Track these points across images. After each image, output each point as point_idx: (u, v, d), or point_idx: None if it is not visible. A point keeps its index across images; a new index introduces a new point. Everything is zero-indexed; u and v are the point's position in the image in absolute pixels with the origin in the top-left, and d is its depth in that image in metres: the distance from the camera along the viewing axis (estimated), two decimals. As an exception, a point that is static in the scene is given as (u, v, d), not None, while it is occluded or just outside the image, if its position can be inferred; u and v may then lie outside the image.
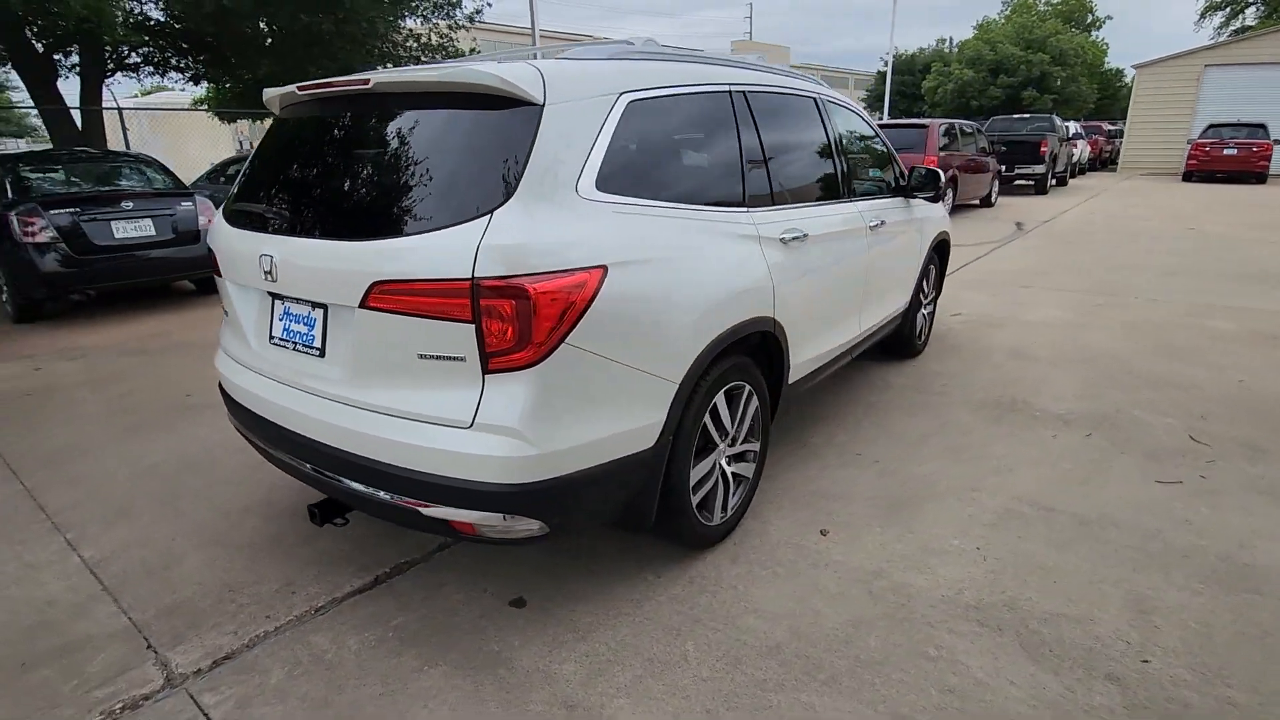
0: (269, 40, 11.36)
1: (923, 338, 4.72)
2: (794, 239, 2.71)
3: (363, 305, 1.86)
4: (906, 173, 3.93)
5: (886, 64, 30.43)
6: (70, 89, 11.41)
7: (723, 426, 2.47)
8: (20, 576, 2.49)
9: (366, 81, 1.99)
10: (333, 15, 10.04)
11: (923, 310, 4.63)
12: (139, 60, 11.88)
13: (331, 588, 2.38)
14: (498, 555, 2.54)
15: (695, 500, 2.39)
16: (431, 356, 1.83)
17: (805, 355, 2.94)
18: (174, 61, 12.38)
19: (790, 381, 2.87)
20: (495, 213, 1.75)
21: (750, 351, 2.61)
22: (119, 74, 11.89)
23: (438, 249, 1.75)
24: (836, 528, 2.70)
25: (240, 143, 34.85)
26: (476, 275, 1.70)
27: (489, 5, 12.79)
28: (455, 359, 1.79)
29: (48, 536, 2.74)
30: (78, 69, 10.99)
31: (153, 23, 11.30)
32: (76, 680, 1.99)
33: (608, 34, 33.68)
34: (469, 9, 12.55)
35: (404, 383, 1.89)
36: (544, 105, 1.86)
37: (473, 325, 1.74)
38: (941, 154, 11.04)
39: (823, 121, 3.19)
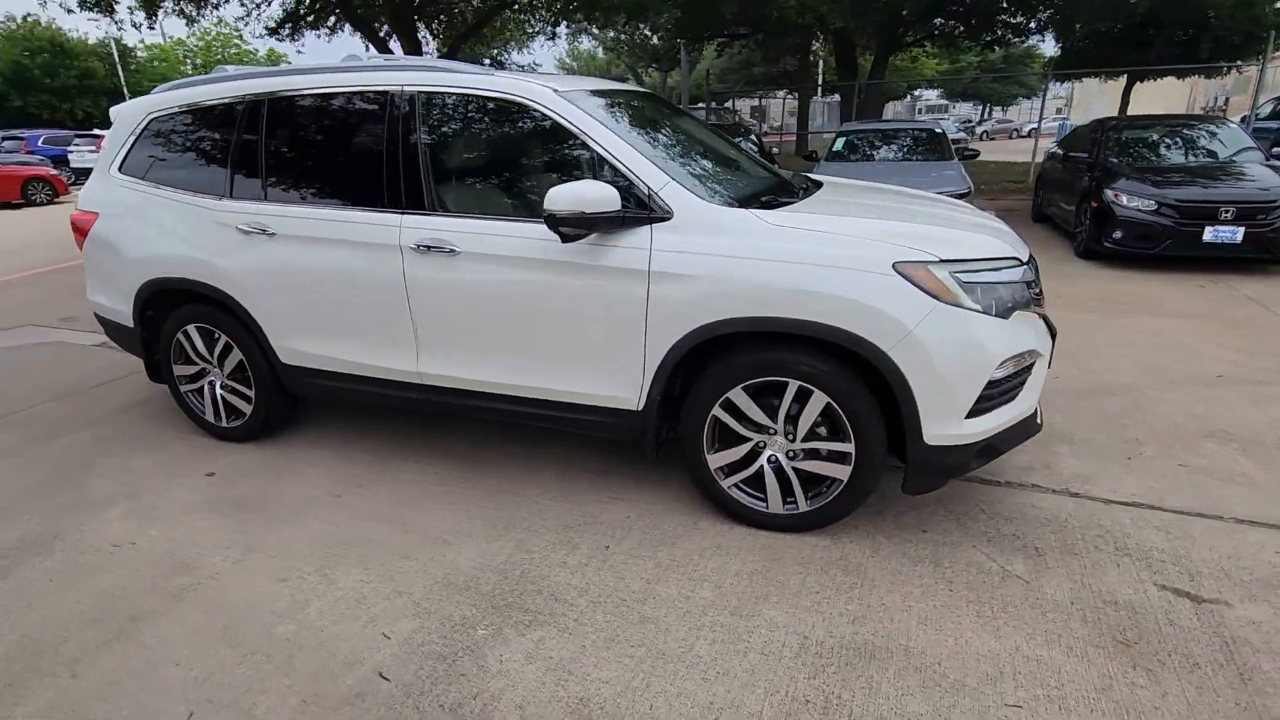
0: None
1: (777, 497, 2.54)
2: (255, 232, 3.00)
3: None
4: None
5: None
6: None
7: (199, 352, 3.38)
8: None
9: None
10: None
11: (768, 450, 2.52)
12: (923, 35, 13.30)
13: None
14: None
15: (185, 390, 3.52)
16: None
17: (312, 349, 3.08)
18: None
19: (287, 363, 3.17)
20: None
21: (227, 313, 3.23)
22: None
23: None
24: (221, 474, 3.12)
25: (1216, 99, 30.28)
26: (78, 207, 3.65)
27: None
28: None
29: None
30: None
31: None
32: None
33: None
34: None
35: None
36: (113, 122, 3.45)
37: (84, 230, 3.71)
38: None
39: (409, 126, 2.74)
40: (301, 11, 13.06)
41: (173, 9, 12.23)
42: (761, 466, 2.54)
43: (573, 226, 2.36)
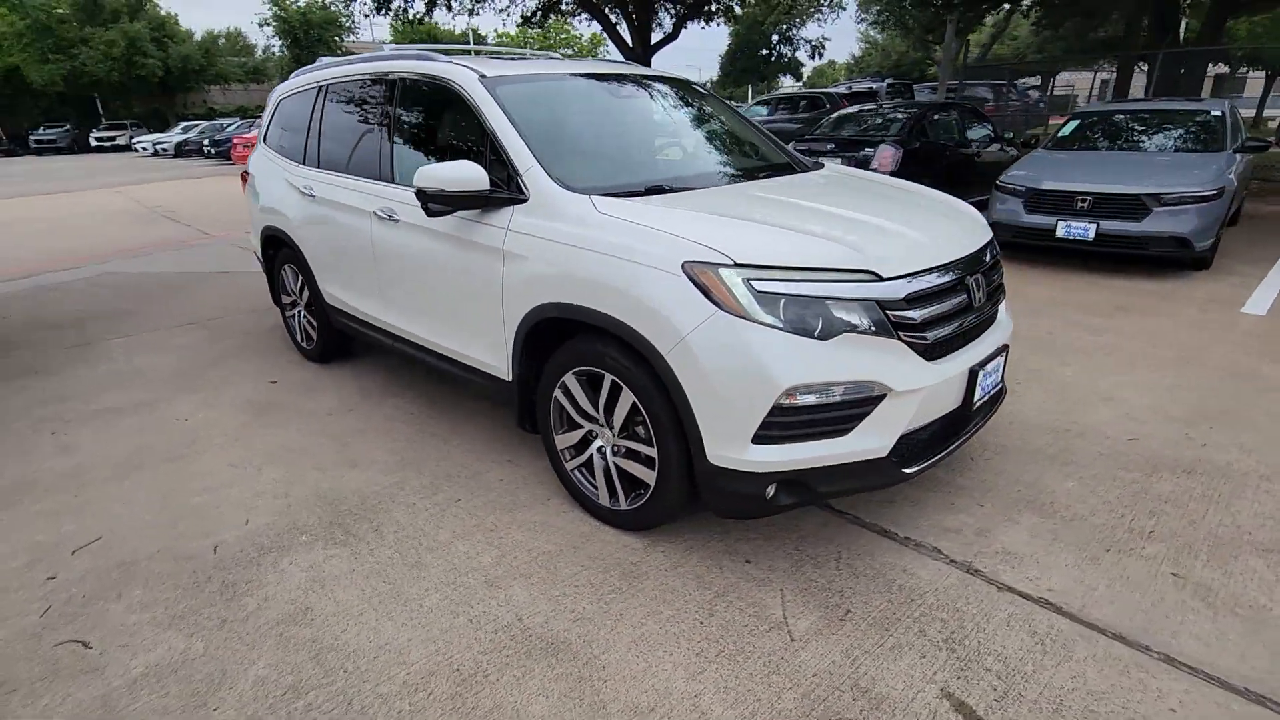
0: None
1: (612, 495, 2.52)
2: (308, 193, 3.71)
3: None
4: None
5: None
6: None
7: (289, 286, 4.27)
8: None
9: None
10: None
11: (598, 441, 2.51)
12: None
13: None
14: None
15: (286, 315, 4.47)
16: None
17: (336, 292, 3.77)
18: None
19: (328, 302, 3.89)
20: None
21: (297, 257, 4.04)
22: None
23: (267, 156, 4.86)
24: (281, 383, 3.95)
25: None
26: (251, 168, 4.78)
27: None
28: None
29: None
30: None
31: None
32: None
33: None
34: None
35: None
36: (266, 104, 4.46)
37: (254, 183, 4.84)
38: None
39: (387, 106, 3.18)
40: (550, 1, 14.56)
41: (450, 5, 14.39)
42: (592, 456, 2.54)
43: (438, 203, 2.58)
